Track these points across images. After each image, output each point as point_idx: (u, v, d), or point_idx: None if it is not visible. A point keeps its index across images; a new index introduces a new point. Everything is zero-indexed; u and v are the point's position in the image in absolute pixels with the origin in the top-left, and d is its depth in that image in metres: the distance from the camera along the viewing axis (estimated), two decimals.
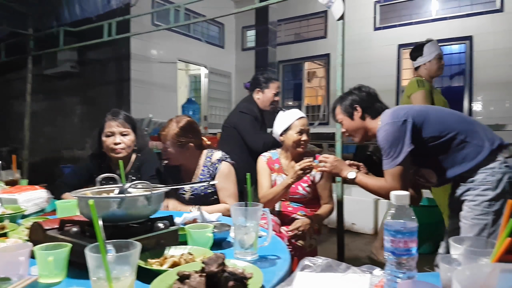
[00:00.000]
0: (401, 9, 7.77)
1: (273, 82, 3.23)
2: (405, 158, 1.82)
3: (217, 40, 9.34)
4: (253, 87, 3.27)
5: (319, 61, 9.00)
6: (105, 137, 2.32)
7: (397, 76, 7.66)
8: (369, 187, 2.00)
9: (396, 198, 0.92)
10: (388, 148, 1.86)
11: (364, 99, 2.09)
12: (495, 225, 1.75)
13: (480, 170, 1.80)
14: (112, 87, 6.75)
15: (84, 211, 1.22)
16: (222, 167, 2.27)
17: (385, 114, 1.98)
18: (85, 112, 6.97)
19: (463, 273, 0.58)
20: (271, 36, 5.90)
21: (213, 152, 2.35)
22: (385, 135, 1.87)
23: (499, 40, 6.62)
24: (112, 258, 0.87)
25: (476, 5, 6.96)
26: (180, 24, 4.00)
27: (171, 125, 2.26)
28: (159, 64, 7.31)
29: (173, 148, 2.24)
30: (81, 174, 2.47)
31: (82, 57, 6.83)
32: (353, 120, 2.10)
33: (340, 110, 2.15)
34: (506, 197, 1.75)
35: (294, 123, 2.45)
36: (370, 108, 2.08)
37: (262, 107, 3.23)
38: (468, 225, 1.80)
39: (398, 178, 1.85)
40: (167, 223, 1.32)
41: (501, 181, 1.75)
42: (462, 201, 1.86)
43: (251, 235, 1.22)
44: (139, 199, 1.21)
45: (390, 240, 0.89)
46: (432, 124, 1.88)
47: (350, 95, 2.14)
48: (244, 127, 3.06)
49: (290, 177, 2.26)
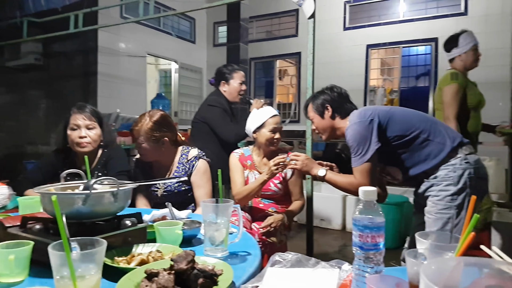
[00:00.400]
0: (370, 10, 7.92)
1: (237, 72, 3.21)
2: (372, 155, 1.89)
3: (188, 35, 9.24)
4: (218, 80, 3.24)
5: (291, 59, 9.06)
6: (70, 131, 2.25)
7: (365, 76, 7.81)
8: (338, 184, 2.05)
9: (364, 194, 0.93)
10: (356, 146, 1.92)
11: (335, 99, 2.15)
12: (458, 218, 1.83)
13: (442, 166, 1.88)
14: (78, 80, 6.55)
15: (48, 207, 1.18)
16: (199, 164, 2.23)
17: (353, 114, 2.05)
18: (49, 106, 6.75)
19: (429, 267, 0.59)
20: (243, 32, 5.87)
21: (189, 149, 2.30)
22: (353, 134, 1.94)
23: None
24: (76, 256, 0.84)
25: (442, 8, 7.17)
26: (150, 17, 3.94)
27: (144, 119, 2.19)
28: (127, 58, 7.17)
29: (148, 144, 2.18)
30: (45, 170, 2.38)
31: (47, 49, 6.60)
32: (323, 119, 2.16)
33: (312, 108, 2.20)
34: (467, 192, 1.84)
35: (267, 121, 2.45)
36: (340, 108, 2.14)
37: (230, 99, 3.19)
38: (432, 219, 1.88)
39: (366, 175, 1.92)
40: (135, 220, 1.29)
41: (462, 177, 1.84)
42: (426, 197, 1.94)
43: (222, 232, 1.21)
44: (105, 195, 1.18)
45: (358, 235, 0.90)
46: (397, 123, 1.95)
47: (322, 94, 2.19)
48: (215, 120, 3.03)
49: (265, 173, 2.27)
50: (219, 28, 9.55)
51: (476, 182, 1.86)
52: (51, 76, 6.67)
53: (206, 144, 2.85)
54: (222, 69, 3.25)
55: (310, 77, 2.66)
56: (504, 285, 0.57)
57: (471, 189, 1.84)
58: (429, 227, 1.90)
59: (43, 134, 6.63)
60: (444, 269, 0.61)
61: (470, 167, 1.86)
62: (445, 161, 1.88)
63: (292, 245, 2.51)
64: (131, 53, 7.27)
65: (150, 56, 8.05)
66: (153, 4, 3.81)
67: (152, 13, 3.87)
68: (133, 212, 1.35)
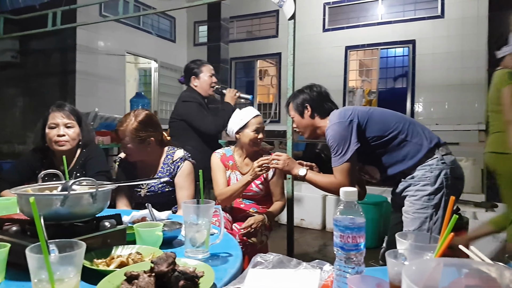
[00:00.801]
0: (349, 12, 8.00)
1: (205, 65, 3.17)
2: (352, 155, 1.92)
3: (169, 34, 9.17)
4: (188, 77, 3.18)
5: (271, 60, 9.09)
6: (48, 129, 2.20)
7: (344, 77, 7.89)
8: (318, 183, 2.08)
9: (344, 194, 0.94)
10: (336, 146, 1.95)
11: (314, 98, 2.17)
12: (435, 218, 1.88)
13: (420, 167, 1.93)
14: (56, 78, 6.44)
15: (25, 209, 1.16)
16: (183, 166, 2.21)
17: (333, 114, 2.08)
18: (27, 104, 6.62)
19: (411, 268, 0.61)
20: (224, 32, 5.86)
21: (175, 150, 2.28)
22: (333, 134, 1.97)
23: (439, 44, 6.99)
24: (55, 259, 0.82)
25: (419, 11, 7.31)
26: (129, 15, 3.89)
27: (129, 119, 2.15)
28: (106, 56, 7.08)
29: (133, 144, 2.14)
30: (22, 170, 2.33)
31: (24, 47, 6.48)
32: (303, 118, 2.19)
33: (292, 107, 2.23)
34: (444, 192, 1.89)
35: (250, 121, 2.45)
36: (320, 107, 2.16)
37: (203, 93, 3.14)
38: (410, 219, 1.92)
39: (346, 174, 1.95)
40: (114, 222, 1.27)
41: (438, 177, 1.89)
42: (403, 197, 1.98)
43: (203, 233, 1.21)
44: (83, 196, 1.16)
45: (339, 235, 0.91)
46: (376, 123, 1.99)
47: (302, 93, 2.21)
48: (191, 115, 2.99)
49: (249, 174, 2.27)
50: (199, 27, 9.51)
51: (452, 182, 1.91)
52: (28, 74, 6.55)
53: (186, 142, 2.83)
54: (189, 65, 3.19)
55: (290, 77, 2.67)
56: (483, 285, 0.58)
57: (447, 189, 1.89)
58: (406, 227, 1.93)
59: (20, 133, 6.50)
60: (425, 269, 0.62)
61: (446, 167, 1.90)
62: (422, 161, 1.92)
63: (273, 244, 2.52)
64: (110, 52, 7.18)
65: (129, 55, 7.95)
66: (132, 3, 3.77)
67: (131, 12, 3.83)
68: (113, 213, 1.33)
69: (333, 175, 2.01)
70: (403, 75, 7.75)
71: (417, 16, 7.27)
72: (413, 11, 7.39)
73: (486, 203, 3.93)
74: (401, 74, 7.85)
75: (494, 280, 0.58)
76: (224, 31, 5.87)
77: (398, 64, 7.89)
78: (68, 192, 1.12)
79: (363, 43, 7.79)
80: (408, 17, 7.35)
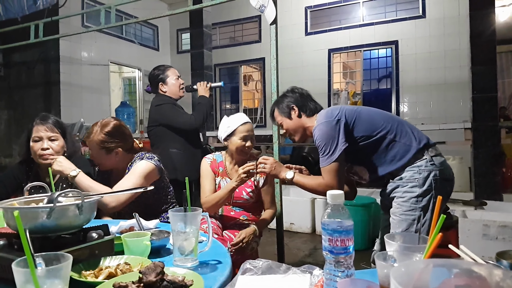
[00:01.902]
0: (331, 15, 8.07)
1: (169, 69, 3.11)
2: (340, 155, 1.91)
3: (152, 42, 9.16)
4: (155, 84, 3.10)
5: (255, 65, 9.12)
6: (32, 143, 2.18)
7: (329, 80, 7.94)
8: (307, 185, 2.06)
9: (331, 197, 0.94)
10: (323, 146, 1.94)
11: (298, 99, 2.17)
12: (423, 220, 1.86)
13: (408, 168, 1.91)
14: (40, 90, 6.39)
15: (11, 222, 1.14)
16: (138, 163, 2.09)
17: (320, 114, 2.07)
18: (11, 116, 6.54)
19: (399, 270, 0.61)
20: (206, 39, 5.87)
21: (143, 154, 2.18)
22: (321, 133, 1.95)
23: (421, 44, 7.09)
24: (41, 273, 0.81)
25: (400, 11, 7.41)
26: (112, 25, 3.87)
27: (95, 130, 2.11)
28: (90, 67, 7.04)
29: (100, 154, 2.11)
30: (8, 183, 2.31)
31: (7, 59, 6.43)
32: (291, 120, 2.17)
33: (278, 113, 2.22)
34: (432, 193, 1.87)
35: (238, 129, 2.38)
36: (305, 106, 2.16)
37: (174, 96, 3.06)
38: (397, 221, 1.91)
39: (334, 174, 1.93)
40: (101, 232, 1.26)
41: (427, 178, 1.87)
42: (392, 198, 1.97)
43: (191, 241, 1.20)
44: (69, 208, 1.15)
45: (328, 239, 0.91)
46: (363, 123, 1.98)
47: (285, 98, 2.21)
48: (167, 115, 2.93)
49: (234, 180, 2.22)
50: (182, 35, 9.51)
51: (441, 184, 1.89)
52: (12, 86, 6.50)
53: (169, 145, 2.79)
54: (154, 72, 3.12)
55: (274, 82, 2.68)
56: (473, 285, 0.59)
57: (436, 191, 1.87)
58: (394, 228, 1.92)
59: (5, 146, 6.43)
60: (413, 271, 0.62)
61: (435, 169, 1.89)
62: (410, 162, 1.91)
63: (263, 250, 2.51)
64: (93, 62, 7.14)
65: (113, 64, 7.92)
66: (114, 12, 3.75)
67: (113, 21, 3.81)
68: (100, 224, 1.32)
69: (321, 176, 1.99)
70: (387, 76, 7.84)
71: (399, 17, 7.37)
72: (394, 12, 7.49)
73: (475, 201, 3.96)
74: (385, 75, 7.93)
75: (484, 279, 0.58)
76: (207, 38, 5.87)
77: (381, 65, 7.97)
78: (54, 204, 1.11)
79: (346, 45, 7.86)
80: (389, 18, 7.45)
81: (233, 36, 9.14)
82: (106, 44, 7.44)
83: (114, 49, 7.71)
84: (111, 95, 7.74)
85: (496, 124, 4.06)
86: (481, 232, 3.23)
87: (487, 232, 3.21)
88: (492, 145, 4.04)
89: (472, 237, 3.26)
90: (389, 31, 7.38)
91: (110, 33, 7.51)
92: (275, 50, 2.67)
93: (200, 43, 5.81)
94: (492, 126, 4.05)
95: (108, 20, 3.82)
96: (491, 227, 3.22)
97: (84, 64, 6.94)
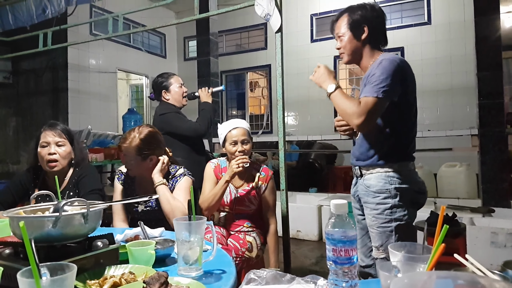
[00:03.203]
0: None
1: (173, 76, 3.14)
2: (388, 95, 1.76)
3: (159, 50, 9.22)
4: (158, 92, 3.13)
5: (261, 71, 9.14)
6: (40, 148, 2.22)
7: None
8: (340, 106, 1.88)
9: (335, 207, 0.94)
10: (380, 76, 1.77)
11: (374, 22, 1.94)
12: (401, 230, 1.81)
13: (380, 177, 1.86)
14: (48, 97, 6.47)
15: (17, 231, 1.15)
16: (182, 180, 2.21)
17: (389, 54, 1.92)
18: (19, 123, 6.63)
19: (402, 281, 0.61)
20: (213, 46, 5.90)
21: (177, 168, 2.28)
22: (388, 65, 1.79)
23: (427, 50, 7.07)
24: (46, 283, 0.82)
25: (406, 18, 7.40)
26: (119, 34, 3.91)
27: (132, 136, 2.16)
28: (97, 74, 7.11)
29: (135, 161, 2.15)
30: (15, 190, 2.33)
31: (16, 67, 6.53)
32: (356, 40, 1.95)
33: (347, 22, 1.95)
34: (405, 204, 1.83)
35: (227, 135, 2.41)
36: (379, 37, 1.97)
37: (177, 104, 3.08)
38: (375, 233, 1.87)
39: (373, 109, 1.76)
40: (106, 241, 1.27)
41: (399, 189, 1.82)
42: (359, 199, 1.99)
43: (195, 250, 1.20)
44: (75, 217, 1.16)
45: (332, 249, 0.91)
46: (410, 95, 1.91)
47: (361, 9, 1.94)
48: (172, 124, 2.94)
49: (227, 174, 2.28)
50: (189, 42, 9.57)
51: (413, 196, 1.86)
52: (21, 93, 6.60)
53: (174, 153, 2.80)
54: (157, 79, 3.15)
55: (280, 89, 2.68)
56: None
57: (409, 202, 1.84)
58: (374, 242, 1.89)
59: (13, 152, 6.51)
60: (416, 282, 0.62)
61: (407, 180, 1.85)
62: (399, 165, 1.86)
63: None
64: (101, 69, 7.21)
65: (120, 72, 7.98)
66: (122, 21, 3.79)
67: (121, 30, 3.84)
68: (105, 232, 1.33)
69: (356, 101, 1.81)
70: None
71: (404, 24, 7.36)
72: (400, 18, 7.48)
73: (483, 208, 3.92)
74: None
75: None
76: (213, 46, 5.91)
77: None
78: (60, 214, 1.12)
79: None
80: (395, 25, 7.43)
81: (239, 43, 9.18)
82: (113, 51, 7.50)
83: (122, 57, 7.77)
84: (118, 102, 7.79)
85: (503, 130, 4.03)
86: (489, 240, 3.20)
87: (495, 239, 3.18)
88: (499, 151, 4.00)
89: (480, 244, 3.23)
90: (395, 38, 7.35)
91: (117, 41, 7.57)
92: (280, 57, 2.67)
93: (206, 50, 5.84)
94: (499, 132, 4.01)
95: (116, 28, 3.87)
96: (499, 234, 3.19)
97: (92, 71, 7.00)
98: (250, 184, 2.46)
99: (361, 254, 2.08)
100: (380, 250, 1.85)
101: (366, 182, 1.91)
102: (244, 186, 2.46)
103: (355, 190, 2.03)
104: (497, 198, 4.02)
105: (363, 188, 1.93)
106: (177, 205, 2.05)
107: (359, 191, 1.98)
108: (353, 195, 2.06)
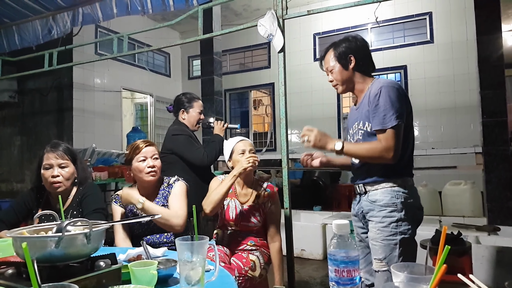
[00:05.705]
0: None
1: (196, 101, 3.20)
2: (402, 117, 1.83)
3: (163, 69, 9.32)
4: (177, 108, 3.21)
5: (265, 90, 9.19)
6: (43, 170, 2.23)
7: (338, 104, 7.95)
8: (360, 153, 1.91)
9: (337, 227, 0.94)
10: (389, 106, 1.82)
11: (359, 51, 2.02)
12: (405, 244, 1.84)
13: (386, 191, 1.89)
14: (53, 116, 6.53)
15: (20, 251, 1.15)
16: (175, 186, 2.31)
17: (382, 79, 1.99)
18: (24, 143, 6.69)
19: None
20: (217, 65, 5.97)
21: (170, 178, 2.39)
22: (388, 93, 1.84)
23: (430, 69, 7.10)
24: None
25: (408, 37, 7.45)
26: (124, 54, 3.96)
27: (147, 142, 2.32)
28: (102, 93, 7.18)
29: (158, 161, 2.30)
30: (18, 210, 2.34)
31: (21, 87, 6.62)
32: (345, 70, 2.02)
33: (333, 56, 2.04)
34: (410, 220, 1.87)
35: (235, 146, 2.48)
36: (366, 63, 2.03)
37: (190, 127, 3.16)
38: (379, 246, 1.88)
39: (397, 137, 1.81)
40: (109, 261, 1.26)
41: (404, 204, 1.87)
42: (363, 216, 2.00)
43: (198, 271, 1.19)
44: (77, 237, 1.16)
45: (334, 270, 0.90)
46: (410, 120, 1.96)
47: (345, 41, 2.04)
48: (182, 148, 2.99)
49: (236, 169, 2.32)
50: (193, 61, 9.67)
51: (415, 212, 1.90)
52: (26, 113, 6.68)
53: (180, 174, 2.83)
54: (181, 97, 3.23)
55: (283, 107, 2.71)
56: None
57: (412, 217, 1.88)
58: (375, 255, 1.90)
59: (17, 171, 6.56)
60: None
61: (411, 195, 1.91)
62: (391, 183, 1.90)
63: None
64: (106, 88, 7.28)
65: (125, 91, 8.05)
66: (127, 41, 3.84)
67: (126, 50, 3.89)
68: (108, 252, 1.33)
69: (375, 141, 1.86)
70: None
71: (407, 42, 7.41)
72: (403, 37, 7.54)
73: (488, 227, 3.89)
74: None
75: None
76: (217, 65, 5.97)
77: None
78: (62, 234, 1.12)
79: None
80: (398, 44, 7.49)
81: (242, 62, 9.26)
82: (118, 71, 7.58)
83: (127, 76, 7.86)
84: (123, 120, 7.84)
85: (508, 148, 4.01)
86: (495, 259, 3.16)
87: (501, 258, 3.14)
88: (504, 170, 3.98)
89: (486, 263, 3.18)
90: (397, 56, 7.41)
91: (122, 60, 7.66)
92: (283, 77, 2.70)
93: (210, 69, 5.91)
94: (504, 150, 4.00)
95: (121, 48, 3.92)
96: (505, 253, 3.15)
97: (97, 90, 7.07)
98: (255, 200, 2.47)
99: (366, 273, 2.07)
100: (383, 262, 1.85)
101: (371, 197, 1.94)
102: (249, 202, 2.48)
103: (359, 207, 2.03)
104: (502, 216, 3.98)
105: (367, 203, 1.95)
106: (168, 214, 2.13)
107: (363, 207, 1.99)
108: (356, 213, 2.07)
